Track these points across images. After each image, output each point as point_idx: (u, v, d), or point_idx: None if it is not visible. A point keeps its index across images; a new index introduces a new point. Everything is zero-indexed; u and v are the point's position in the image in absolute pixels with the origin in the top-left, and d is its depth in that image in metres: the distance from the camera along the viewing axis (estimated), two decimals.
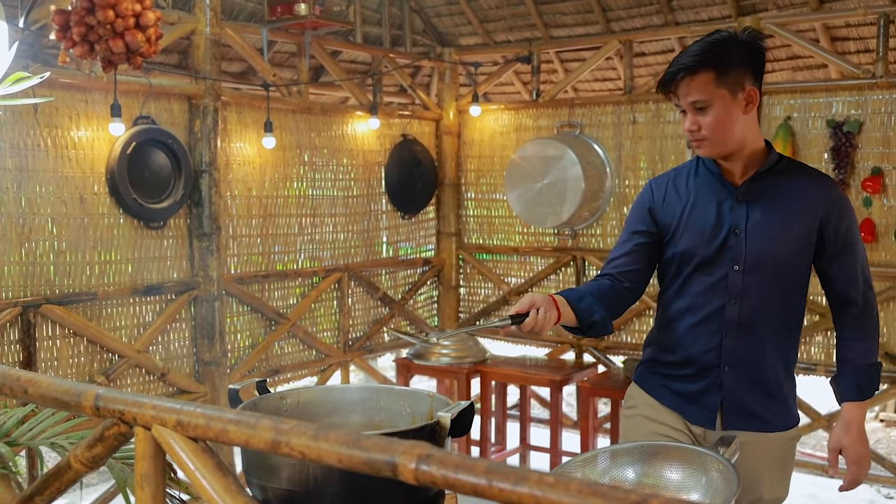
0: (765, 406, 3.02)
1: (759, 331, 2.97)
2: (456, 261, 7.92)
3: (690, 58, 2.81)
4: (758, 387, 3.01)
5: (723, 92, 2.80)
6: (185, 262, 5.67)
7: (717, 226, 2.96)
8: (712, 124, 2.84)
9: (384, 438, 1.54)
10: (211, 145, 5.62)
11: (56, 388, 2.05)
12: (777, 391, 3.04)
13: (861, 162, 5.97)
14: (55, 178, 4.99)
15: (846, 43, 6.76)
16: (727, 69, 2.80)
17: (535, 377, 6.32)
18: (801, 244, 2.92)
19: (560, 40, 7.34)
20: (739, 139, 2.89)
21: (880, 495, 6.24)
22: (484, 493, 1.38)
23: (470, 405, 2.28)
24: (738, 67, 2.81)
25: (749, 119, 2.89)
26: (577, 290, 3.04)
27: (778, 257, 2.91)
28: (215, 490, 1.79)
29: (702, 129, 2.85)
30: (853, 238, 2.95)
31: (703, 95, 2.81)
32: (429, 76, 8.33)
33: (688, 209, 3.02)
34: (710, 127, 2.84)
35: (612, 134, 7.00)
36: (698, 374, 3.06)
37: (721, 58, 2.80)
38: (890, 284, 5.94)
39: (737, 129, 2.86)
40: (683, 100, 2.85)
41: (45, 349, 4.99)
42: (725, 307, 2.97)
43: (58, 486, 2.19)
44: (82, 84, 5.00)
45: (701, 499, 2.46)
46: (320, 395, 2.88)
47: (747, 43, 2.85)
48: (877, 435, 7.72)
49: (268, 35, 6.06)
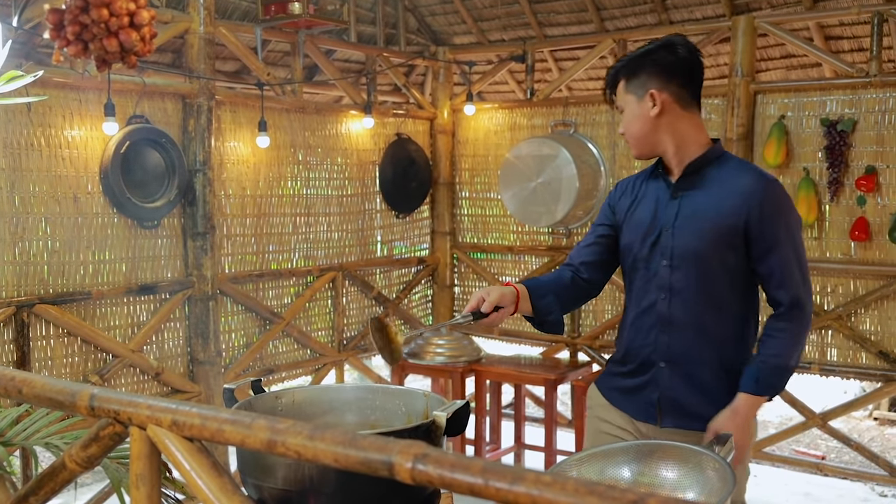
0: (700, 404, 3.01)
1: (690, 327, 3.01)
2: (450, 260, 7.92)
3: (612, 69, 3.10)
4: (692, 385, 3.03)
5: (630, 97, 3.03)
6: (179, 262, 5.66)
7: (652, 223, 3.07)
8: (625, 127, 3.08)
9: (380, 438, 1.54)
10: (205, 144, 5.61)
11: (51, 388, 2.04)
12: (713, 390, 3.01)
13: (855, 161, 5.98)
14: (49, 177, 4.97)
15: (840, 42, 6.77)
16: (633, 76, 3.02)
17: (529, 376, 6.32)
18: (725, 240, 2.95)
19: (554, 39, 7.33)
20: (662, 140, 3.04)
21: (874, 493, 6.25)
22: (480, 493, 1.38)
23: (466, 404, 2.28)
24: (642, 74, 2.99)
25: (672, 121, 3.01)
26: (541, 284, 3.16)
27: (701, 253, 2.96)
28: (211, 490, 1.79)
29: (624, 131, 3.10)
30: (783, 238, 2.94)
31: (619, 101, 3.08)
32: (423, 75, 8.32)
33: (633, 207, 3.16)
34: (625, 129, 3.08)
35: (606, 133, 7.00)
36: (637, 370, 3.13)
37: (628, 65, 3.04)
38: (884, 283, 5.94)
39: (650, 131, 3.02)
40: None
41: (39, 349, 4.98)
42: (657, 303, 3.04)
43: (52, 486, 2.18)
44: (76, 83, 4.98)
45: (696, 498, 2.46)
46: (315, 395, 2.88)
47: (650, 51, 3.02)
48: (871, 433, 7.73)
49: (262, 34, 6.05)
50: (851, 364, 6.16)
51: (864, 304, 6.02)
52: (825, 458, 6.96)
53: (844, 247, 6.07)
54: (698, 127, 3.07)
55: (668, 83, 2.98)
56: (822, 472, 6.39)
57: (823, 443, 7.49)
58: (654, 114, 2.99)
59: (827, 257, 6.13)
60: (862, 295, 6.03)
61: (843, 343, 6.16)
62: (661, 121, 3.00)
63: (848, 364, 6.17)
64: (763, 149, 6.18)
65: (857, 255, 6.02)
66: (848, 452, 7.12)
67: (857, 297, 6.06)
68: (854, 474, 6.38)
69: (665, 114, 2.99)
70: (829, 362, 6.20)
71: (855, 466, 6.56)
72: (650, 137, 3.03)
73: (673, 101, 2.99)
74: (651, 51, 3.02)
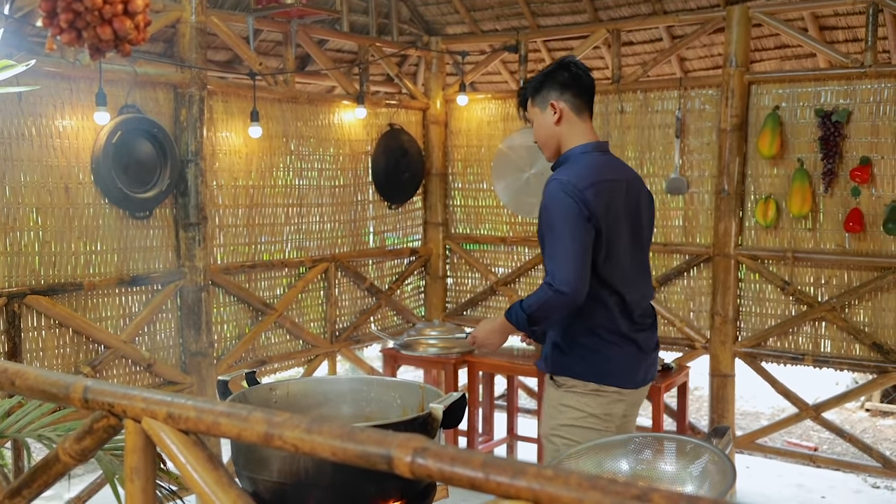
0: (547, 353, 3.78)
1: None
2: (443, 251, 7.91)
3: (522, 89, 3.81)
4: (550, 339, 3.76)
5: (536, 110, 3.71)
6: (171, 253, 5.63)
7: None
8: (536, 135, 3.76)
9: (379, 431, 1.52)
10: (197, 134, 5.58)
11: (44, 380, 2.02)
12: (555, 344, 3.72)
13: (849, 151, 5.97)
14: (39, 167, 4.94)
15: (835, 32, 6.75)
16: (537, 93, 3.71)
17: (522, 367, 6.30)
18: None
19: (547, 29, 7.31)
20: (557, 144, 3.71)
21: (867, 485, 6.26)
22: (481, 487, 1.37)
23: (462, 396, 2.27)
24: (543, 90, 3.67)
25: (564, 127, 3.66)
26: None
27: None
28: (206, 483, 1.77)
29: (535, 139, 3.77)
30: (545, 226, 3.54)
31: (529, 115, 3.77)
32: (416, 65, 8.29)
33: None
34: (536, 137, 3.76)
35: (599, 123, 6.97)
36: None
37: (534, 85, 3.72)
38: (878, 275, 5.94)
39: (553, 136, 3.69)
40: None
41: (31, 340, 4.95)
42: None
43: (46, 478, 2.17)
44: (67, 72, 4.95)
45: (695, 490, 2.45)
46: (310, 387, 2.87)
47: (550, 72, 3.70)
48: (863, 425, 7.75)
49: (254, 24, 6.02)
50: (845, 356, 6.16)
51: (857, 295, 6.02)
52: (818, 450, 6.96)
53: (838, 238, 6.06)
54: (587, 131, 3.69)
55: (563, 94, 3.64)
56: (815, 463, 6.39)
57: (816, 434, 7.50)
58: (555, 121, 3.64)
59: (821, 248, 6.12)
60: (856, 286, 6.03)
61: (836, 334, 6.16)
62: (561, 127, 3.65)
63: (841, 355, 6.17)
64: (757, 139, 6.17)
65: (851, 247, 6.02)
66: (841, 444, 7.14)
67: (850, 289, 6.06)
68: (846, 465, 6.38)
69: (563, 121, 3.64)
70: (823, 354, 6.19)
71: (847, 458, 6.56)
72: (553, 141, 3.69)
73: (569, 110, 3.64)
74: (551, 71, 3.68)
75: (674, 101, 6.64)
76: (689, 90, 6.59)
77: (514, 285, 7.58)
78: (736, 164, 6.27)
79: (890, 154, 5.84)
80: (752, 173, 6.33)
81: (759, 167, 6.30)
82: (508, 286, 7.58)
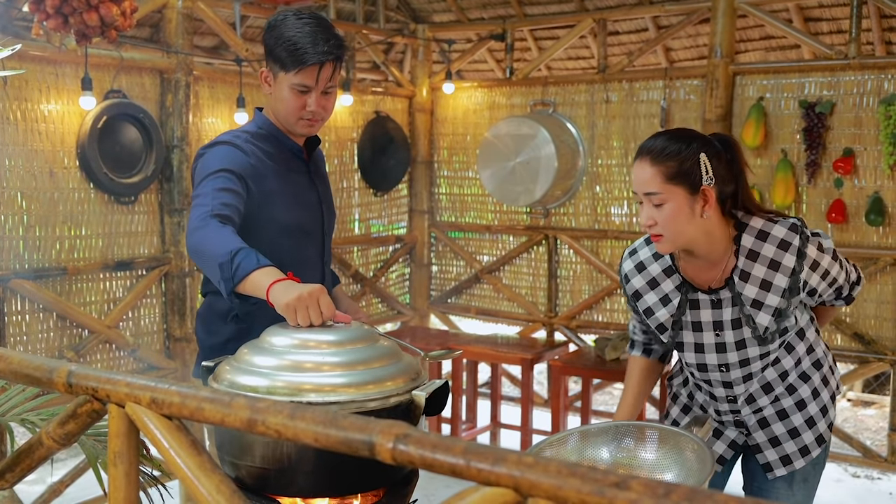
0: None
1: None
2: (428, 238, 7.92)
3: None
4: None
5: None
6: (156, 238, 5.63)
7: None
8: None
9: (361, 418, 1.54)
10: (183, 120, 5.58)
11: (28, 364, 2.03)
12: None
13: (833, 143, 6.00)
14: (24, 151, 4.93)
15: (819, 24, 6.78)
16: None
17: (506, 355, 6.32)
18: None
19: (534, 18, 7.31)
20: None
21: (847, 474, 6.30)
22: (462, 474, 1.38)
23: (445, 384, 2.27)
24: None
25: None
26: None
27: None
28: (189, 468, 1.78)
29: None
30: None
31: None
32: (402, 53, 8.28)
33: None
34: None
35: (585, 113, 7.00)
36: None
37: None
38: (860, 265, 5.96)
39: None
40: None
41: (15, 324, 4.95)
42: None
43: (29, 462, 2.17)
44: (52, 57, 4.94)
45: (675, 479, 2.47)
46: None
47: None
48: (844, 414, 7.79)
49: (240, 10, 6.01)
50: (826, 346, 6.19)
51: None
52: None
53: (821, 229, 6.06)
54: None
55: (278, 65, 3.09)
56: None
57: None
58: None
59: None
60: None
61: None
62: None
63: None
64: (742, 130, 6.19)
65: (833, 238, 6.04)
66: None
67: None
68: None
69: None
70: None
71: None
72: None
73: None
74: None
75: (659, 91, 6.66)
76: (674, 80, 6.61)
77: (498, 273, 7.60)
78: None
79: (873, 145, 5.87)
80: None
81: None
82: (493, 274, 7.60)
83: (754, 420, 2.91)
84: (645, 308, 2.92)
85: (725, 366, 2.84)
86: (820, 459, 2.94)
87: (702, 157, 2.61)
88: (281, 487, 2.22)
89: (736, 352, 2.79)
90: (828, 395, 2.92)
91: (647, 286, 2.90)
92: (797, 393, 2.87)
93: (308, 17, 2.98)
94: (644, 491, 1.20)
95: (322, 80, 2.97)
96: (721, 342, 2.81)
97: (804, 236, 2.68)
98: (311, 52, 2.93)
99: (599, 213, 7.01)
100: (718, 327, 2.80)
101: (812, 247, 2.70)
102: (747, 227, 2.71)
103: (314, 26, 2.96)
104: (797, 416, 2.87)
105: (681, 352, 2.92)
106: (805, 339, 2.89)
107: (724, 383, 2.89)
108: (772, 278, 2.68)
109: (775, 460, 2.90)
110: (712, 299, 2.79)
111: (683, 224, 2.63)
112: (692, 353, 2.87)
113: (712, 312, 2.79)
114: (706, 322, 2.81)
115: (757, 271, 2.69)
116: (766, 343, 2.76)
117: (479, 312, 7.72)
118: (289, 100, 3.01)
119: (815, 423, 2.88)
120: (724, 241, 2.72)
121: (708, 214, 2.64)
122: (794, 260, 2.67)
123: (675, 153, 2.61)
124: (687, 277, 2.83)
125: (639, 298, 2.94)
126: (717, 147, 2.69)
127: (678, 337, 2.88)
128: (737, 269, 2.72)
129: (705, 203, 2.63)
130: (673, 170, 2.60)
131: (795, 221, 2.71)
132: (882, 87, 5.83)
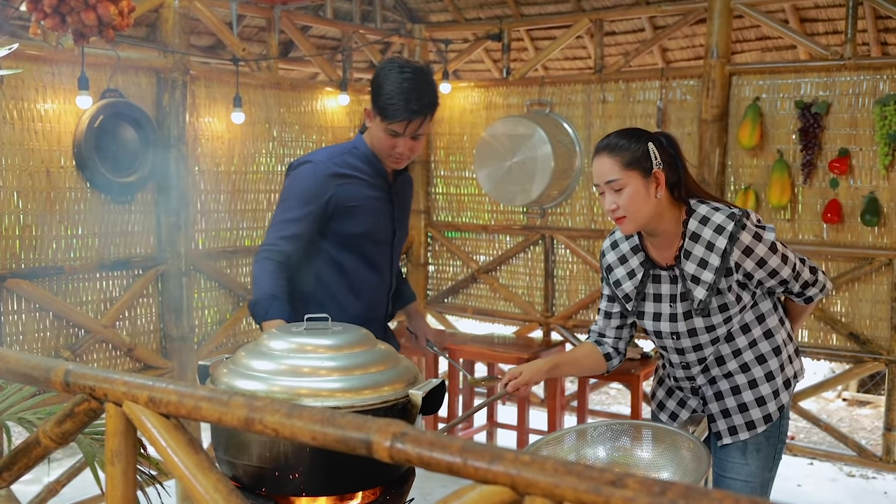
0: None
1: None
2: (424, 238, 7.92)
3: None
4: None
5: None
6: (152, 238, 5.63)
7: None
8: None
9: (359, 416, 1.54)
10: (179, 119, 5.57)
11: (25, 363, 2.03)
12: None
13: (828, 143, 6.01)
14: (21, 150, 4.93)
15: (815, 24, 6.79)
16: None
17: (502, 355, 6.33)
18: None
19: (531, 18, 7.31)
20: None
21: (843, 473, 6.31)
22: (459, 472, 1.38)
23: (441, 383, 2.28)
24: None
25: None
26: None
27: None
28: (187, 467, 1.78)
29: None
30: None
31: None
32: (399, 53, 8.29)
33: None
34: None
35: (581, 113, 7.00)
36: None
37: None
38: (855, 265, 5.99)
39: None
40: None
41: (11, 323, 4.95)
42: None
43: (26, 461, 2.17)
44: (49, 56, 4.93)
45: (671, 477, 2.48)
46: None
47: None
48: (840, 414, 7.81)
49: (237, 9, 6.00)
50: (822, 345, 6.21)
51: (835, 285, 6.06)
52: (794, 438, 7.02)
53: (817, 229, 6.10)
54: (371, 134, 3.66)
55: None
56: (791, 451, 6.44)
57: (793, 423, 7.55)
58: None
59: (799, 239, 6.16)
60: (833, 277, 6.07)
61: (813, 324, 6.21)
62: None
63: (818, 345, 6.22)
64: (738, 130, 6.20)
65: (829, 238, 6.06)
66: (817, 433, 7.20)
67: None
68: (823, 454, 6.45)
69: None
70: (800, 343, 6.23)
71: (824, 447, 6.61)
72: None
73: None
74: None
75: (655, 91, 6.67)
76: (670, 80, 6.61)
77: (494, 273, 7.60)
78: (716, 154, 6.30)
79: (868, 146, 5.88)
80: (732, 164, 6.36)
81: (739, 158, 6.33)
82: (489, 274, 7.60)
83: (710, 392, 3.19)
84: (615, 280, 3.27)
85: (676, 334, 3.14)
86: (772, 433, 3.19)
87: (650, 146, 2.98)
88: (278, 486, 2.23)
89: (683, 321, 3.10)
90: (781, 380, 3.18)
91: (618, 261, 3.26)
92: (751, 372, 3.14)
93: (410, 72, 3.42)
94: (640, 489, 1.20)
95: (410, 130, 3.44)
96: (673, 312, 3.12)
97: (740, 224, 2.95)
98: (402, 109, 3.38)
99: (596, 213, 7.01)
100: (672, 300, 3.12)
101: (747, 234, 2.95)
102: (694, 213, 3.03)
103: (412, 83, 3.40)
104: (748, 394, 3.14)
105: (641, 320, 3.24)
106: (764, 324, 3.14)
107: (677, 350, 3.18)
108: (708, 258, 2.98)
109: (724, 430, 3.17)
110: (670, 275, 3.12)
111: (641, 204, 2.97)
112: (650, 322, 3.18)
113: (670, 287, 3.12)
114: (665, 294, 3.14)
115: (696, 251, 3.01)
116: (707, 316, 3.05)
117: (476, 312, 7.72)
118: (382, 139, 3.48)
119: (764, 403, 3.14)
120: (673, 222, 3.05)
121: (660, 195, 2.98)
122: (725, 242, 2.94)
123: (628, 145, 3.00)
124: (650, 255, 3.17)
125: (611, 272, 3.29)
126: (661, 140, 3.06)
127: (640, 307, 3.21)
128: (682, 249, 3.05)
129: (658, 185, 2.98)
130: (628, 158, 2.97)
131: (736, 211, 2.99)
132: (877, 87, 5.84)
